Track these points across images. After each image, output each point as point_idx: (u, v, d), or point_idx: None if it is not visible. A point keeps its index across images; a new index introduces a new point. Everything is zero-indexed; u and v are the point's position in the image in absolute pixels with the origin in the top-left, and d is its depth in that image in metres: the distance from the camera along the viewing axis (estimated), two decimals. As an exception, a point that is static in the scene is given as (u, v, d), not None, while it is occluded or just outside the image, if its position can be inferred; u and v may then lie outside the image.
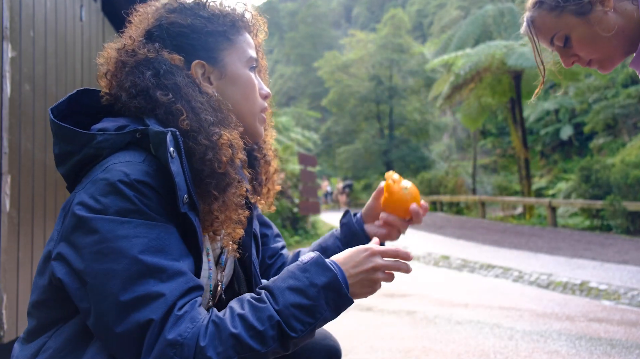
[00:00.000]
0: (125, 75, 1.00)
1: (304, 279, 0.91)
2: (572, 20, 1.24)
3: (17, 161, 2.60)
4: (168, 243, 0.86)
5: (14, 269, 2.57)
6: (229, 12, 1.08)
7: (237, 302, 0.90)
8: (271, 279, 0.94)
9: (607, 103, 19.85)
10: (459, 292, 5.58)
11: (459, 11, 35.70)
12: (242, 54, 1.09)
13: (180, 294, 0.84)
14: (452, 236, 10.76)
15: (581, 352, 3.24)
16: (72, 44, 3.45)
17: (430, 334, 3.70)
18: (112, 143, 0.92)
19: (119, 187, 0.84)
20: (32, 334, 0.94)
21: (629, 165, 11.67)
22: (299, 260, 0.96)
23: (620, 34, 1.22)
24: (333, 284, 0.91)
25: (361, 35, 35.43)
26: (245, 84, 1.09)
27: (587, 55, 1.28)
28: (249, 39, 1.12)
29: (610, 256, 7.31)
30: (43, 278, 0.92)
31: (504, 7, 19.32)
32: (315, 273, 0.92)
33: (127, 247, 0.82)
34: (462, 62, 16.12)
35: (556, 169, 23.00)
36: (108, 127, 0.94)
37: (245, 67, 1.09)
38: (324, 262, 0.93)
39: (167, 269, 0.84)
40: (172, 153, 0.88)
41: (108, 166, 0.88)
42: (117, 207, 0.84)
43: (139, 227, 0.84)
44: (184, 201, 0.89)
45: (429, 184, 21.20)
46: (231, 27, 1.08)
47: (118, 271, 0.81)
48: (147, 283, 0.82)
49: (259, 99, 1.12)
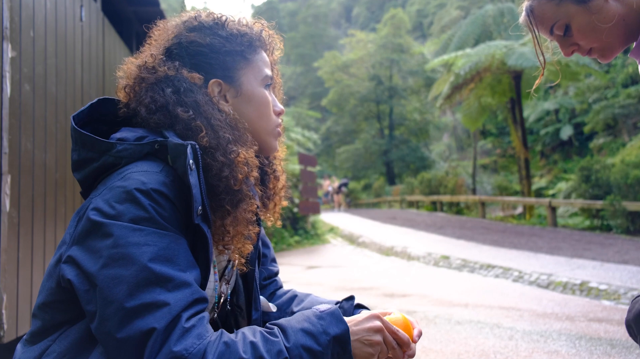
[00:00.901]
0: (144, 91, 1.02)
1: (319, 326, 0.93)
2: (572, 8, 1.23)
3: (17, 161, 2.60)
4: (177, 253, 0.87)
5: (14, 269, 2.56)
6: (247, 32, 1.10)
7: (250, 330, 0.91)
8: (284, 319, 0.97)
9: (607, 103, 19.85)
10: (459, 292, 5.58)
11: (459, 11, 35.69)
12: (258, 72, 1.11)
13: (185, 305, 0.85)
14: (452, 236, 10.76)
15: (581, 352, 3.24)
16: (72, 44, 3.45)
17: (430, 334, 3.70)
18: (131, 152, 0.94)
19: (135, 194, 0.86)
20: (36, 336, 0.94)
21: (629, 165, 11.67)
22: (314, 308, 0.98)
23: (621, 23, 1.21)
24: (343, 338, 0.94)
25: (361, 35, 35.42)
26: (260, 102, 1.10)
27: (588, 44, 1.27)
28: (265, 57, 1.14)
29: (610, 256, 7.31)
30: (51, 280, 0.94)
31: (504, 7, 19.32)
32: (330, 323, 0.94)
33: (137, 254, 0.83)
34: (462, 62, 16.11)
35: (556, 169, 23.00)
36: (128, 137, 0.97)
37: (260, 85, 1.11)
38: (340, 315, 0.96)
39: (174, 278, 0.85)
40: (191, 165, 0.90)
41: (126, 174, 0.90)
42: (132, 215, 0.85)
43: (151, 235, 0.85)
44: (198, 213, 0.91)
45: (429, 184, 21.19)
46: (248, 46, 1.09)
47: (126, 277, 0.82)
48: (154, 291, 0.83)
49: (273, 117, 1.14)
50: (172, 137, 0.95)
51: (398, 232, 12.04)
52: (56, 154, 3.11)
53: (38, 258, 2.85)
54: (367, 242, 10.74)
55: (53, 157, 3.07)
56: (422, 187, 21.41)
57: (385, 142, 32.05)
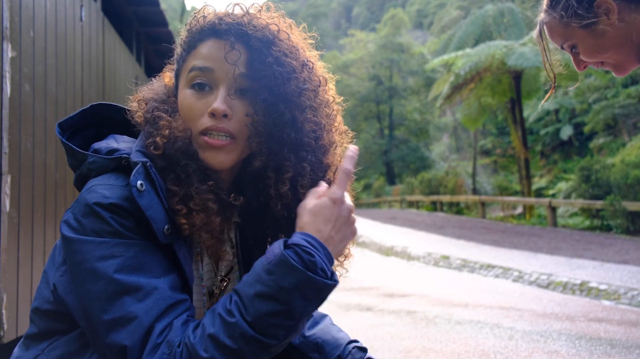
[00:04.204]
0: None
1: (271, 283, 0.81)
2: (579, 31, 1.25)
3: (17, 161, 2.60)
4: (147, 261, 0.85)
5: (14, 269, 2.56)
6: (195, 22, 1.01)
7: (210, 316, 0.84)
8: (243, 278, 0.86)
9: (607, 103, 19.86)
10: (459, 292, 5.58)
11: (459, 11, 35.71)
12: (186, 67, 1.01)
13: (158, 314, 0.82)
14: (452, 236, 10.76)
15: (581, 352, 3.24)
16: (72, 44, 3.45)
17: (430, 334, 3.70)
18: (99, 166, 0.92)
19: (95, 209, 0.84)
20: (30, 340, 0.94)
21: (629, 165, 11.67)
22: (263, 258, 0.86)
23: (629, 43, 1.23)
24: (304, 282, 0.81)
25: (361, 35, 35.44)
26: (181, 105, 1.02)
27: (596, 62, 1.30)
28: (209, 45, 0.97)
29: (610, 256, 7.30)
30: (46, 288, 0.93)
31: (504, 7, 19.33)
32: (281, 275, 0.81)
33: (103, 268, 0.82)
34: (462, 62, 16.12)
35: (556, 169, 23.01)
36: (101, 148, 0.94)
37: (186, 85, 0.98)
38: (288, 261, 0.81)
39: (144, 286, 0.82)
40: (139, 187, 0.85)
41: (91, 186, 0.88)
42: (95, 228, 0.84)
43: (116, 247, 0.83)
44: (165, 232, 0.87)
45: (429, 184, 21.20)
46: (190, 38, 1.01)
47: (96, 292, 0.81)
48: (123, 303, 0.80)
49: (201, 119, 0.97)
50: (135, 154, 0.90)
51: (398, 232, 12.04)
52: (56, 154, 3.11)
53: (38, 258, 2.85)
54: (367, 243, 10.74)
55: (53, 157, 3.07)
56: (422, 187, 21.42)
57: (385, 142, 32.06)
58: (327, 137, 1.01)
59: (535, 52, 14.04)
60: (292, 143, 0.95)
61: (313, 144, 0.97)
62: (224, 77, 0.93)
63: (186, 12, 28.37)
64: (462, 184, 21.30)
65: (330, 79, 1.05)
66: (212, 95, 0.94)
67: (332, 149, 1.02)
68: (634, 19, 1.21)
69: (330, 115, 1.02)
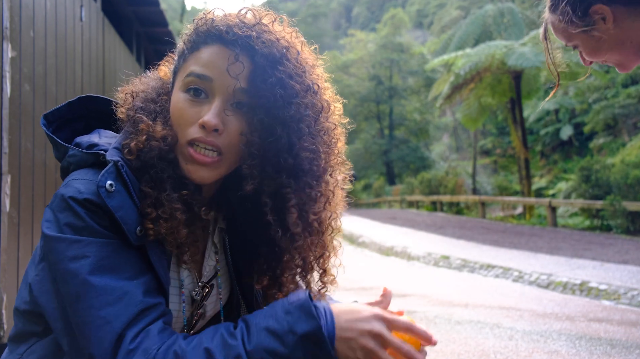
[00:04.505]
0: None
1: (284, 323, 0.79)
2: (578, 35, 1.28)
3: (17, 161, 2.60)
4: (120, 261, 0.82)
5: (14, 269, 2.57)
6: (195, 26, 0.98)
7: (211, 332, 0.82)
8: (255, 311, 0.84)
9: (607, 103, 19.86)
10: (459, 292, 5.58)
11: (459, 11, 35.73)
12: (184, 71, 0.98)
13: (129, 320, 0.79)
14: (452, 236, 10.76)
15: (581, 352, 3.24)
16: (72, 44, 3.45)
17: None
18: (78, 160, 0.90)
19: (69, 203, 0.82)
20: (12, 343, 0.93)
21: (629, 165, 11.67)
22: (287, 298, 0.84)
23: (627, 44, 1.25)
24: (314, 336, 0.78)
25: (361, 35, 35.45)
26: (173, 109, 0.98)
27: (598, 60, 1.33)
28: (210, 50, 0.93)
29: (610, 256, 7.31)
30: (25, 286, 0.91)
31: (504, 7, 19.32)
32: (297, 318, 0.79)
33: (75, 269, 0.80)
34: (462, 62, 16.12)
35: (556, 169, 23.01)
36: (82, 142, 0.92)
37: (182, 88, 0.96)
38: (310, 308, 0.79)
39: (115, 289, 0.80)
40: (108, 187, 0.82)
41: (69, 180, 0.86)
42: (69, 223, 0.82)
43: (89, 246, 0.81)
44: (138, 233, 0.84)
45: (429, 184, 21.20)
46: (190, 41, 0.98)
47: (67, 294, 0.80)
48: (93, 306, 0.78)
49: (190, 129, 0.94)
50: (111, 151, 0.88)
51: (398, 232, 12.04)
52: (56, 154, 3.11)
53: (38, 258, 2.85)
54: (367, 242, 10.74)
55: (53, 157, 3.07)
56: (422, 187, 21.42)
57: (385, 142, 32.07)
58: (324, 164, 0.96)
59: (535, 52, 14.05)
60: (290, 169, 0.90)
61: (315, 170, 0.93)
62: (222, 89, 0.88)
63: (186, 12, 28.38)
64: (462, 184, 21.31)
65: (337, 100, 1.01)
66: (206, 104, 0.89)
67: (325, 177, 0.98)
68: (631, 24, 1.22)
69: (329, 143, 0.98)
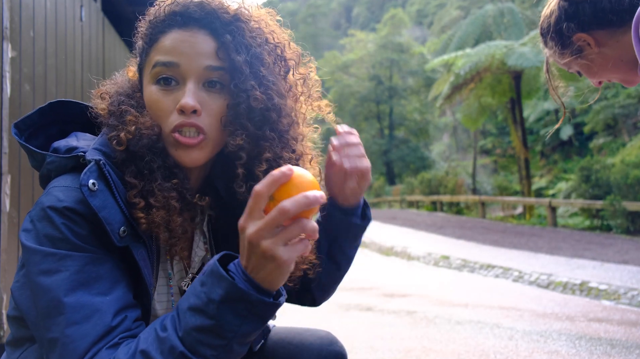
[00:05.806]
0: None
1: (202, 295, 0.74)
2: (573, 62, 1.32)
3: (17, 161, 2.60)
4: (94, 275, 0.80)
5: (13, 269, 2.57)
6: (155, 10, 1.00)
7: (147, 331, 0.78)
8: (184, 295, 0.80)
9: (607, 103, 19.86)
10: (459, 292, 5.58)
11: (459, 11, 35.73)
12: (149, 63, 0.97)
13: (95, 339, 0.76)
14: (452, 236, 10.76)
15: (581, 352, 3.24)
16: (72, 44, 3.45)
17: (430, 334, 3.70)
18: (57, 166, 0.87)
19: (48, 213, 0.80)
20: (9, 347, 0.92)
21: (629, 165, 11.67)
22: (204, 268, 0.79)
23: (619, 63, 1.26)
24: (233, 294, 0.72)
25: (361, 35, 35.46)
26: (148, 103, 0.97)
27: (605, 80, 1.36)
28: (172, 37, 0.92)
29: (610, 256, 7.31)
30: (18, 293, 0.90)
31: (504, 7, 19.33)
32: (211, 285, 0.74)
33: (47, 283, 0.78)
34: (462, 62, 16.13)
35: (556, 169, 23.02)
36: (60, 147, 0.89)
37: (151, 81, 0.96)
38: (218, 271, 0.74)
39: (85, 307, 0.77)
40: (90, 186, 0.80)
41: (49, 188, 0.84)
42: (47, 234, 0.80)
43: (63, 259, 0.79)
44: (121, 234, 0.82)
45: (429, 184, 21.21)
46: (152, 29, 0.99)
47: (39, 307, 0.79)
48: (60, 324, 0.76)
49: (171, 117, 0.92)
50: (91, 151, 0.85)
51: (398, 232, 12.04)
52: (56, 154, 3.11)
53: (38, 258, 2.85)
54: (367, 242, 10.73)
55: (53, 157, 3.07)
56: (422, 187, 21.43)
57: (385, 142, 32.08)
58: (299, 127, 0.98)
59: (535, 52, 14.05)
60: (273, 123, 0.91)
61: (290, 131, 0.94)
62: (191, 71, 0.87)
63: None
64: (462, 184, 21.32)
65: (305, 55, 1.03)
66: (179, 90, 0.88)
67: (300, 130, 0.99)
68: (615, 44, 1.24)
69: (297, 98, 1.00)
